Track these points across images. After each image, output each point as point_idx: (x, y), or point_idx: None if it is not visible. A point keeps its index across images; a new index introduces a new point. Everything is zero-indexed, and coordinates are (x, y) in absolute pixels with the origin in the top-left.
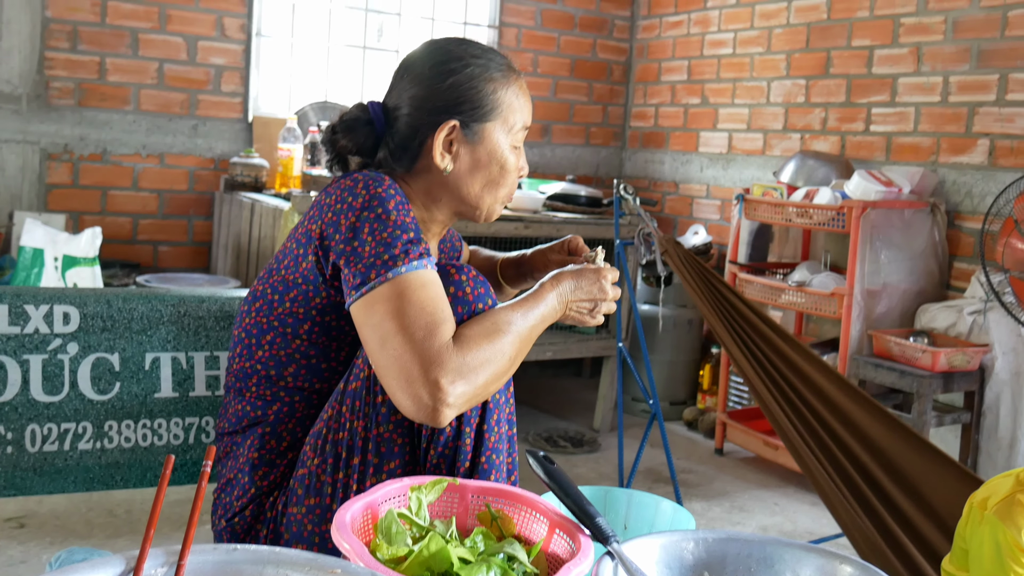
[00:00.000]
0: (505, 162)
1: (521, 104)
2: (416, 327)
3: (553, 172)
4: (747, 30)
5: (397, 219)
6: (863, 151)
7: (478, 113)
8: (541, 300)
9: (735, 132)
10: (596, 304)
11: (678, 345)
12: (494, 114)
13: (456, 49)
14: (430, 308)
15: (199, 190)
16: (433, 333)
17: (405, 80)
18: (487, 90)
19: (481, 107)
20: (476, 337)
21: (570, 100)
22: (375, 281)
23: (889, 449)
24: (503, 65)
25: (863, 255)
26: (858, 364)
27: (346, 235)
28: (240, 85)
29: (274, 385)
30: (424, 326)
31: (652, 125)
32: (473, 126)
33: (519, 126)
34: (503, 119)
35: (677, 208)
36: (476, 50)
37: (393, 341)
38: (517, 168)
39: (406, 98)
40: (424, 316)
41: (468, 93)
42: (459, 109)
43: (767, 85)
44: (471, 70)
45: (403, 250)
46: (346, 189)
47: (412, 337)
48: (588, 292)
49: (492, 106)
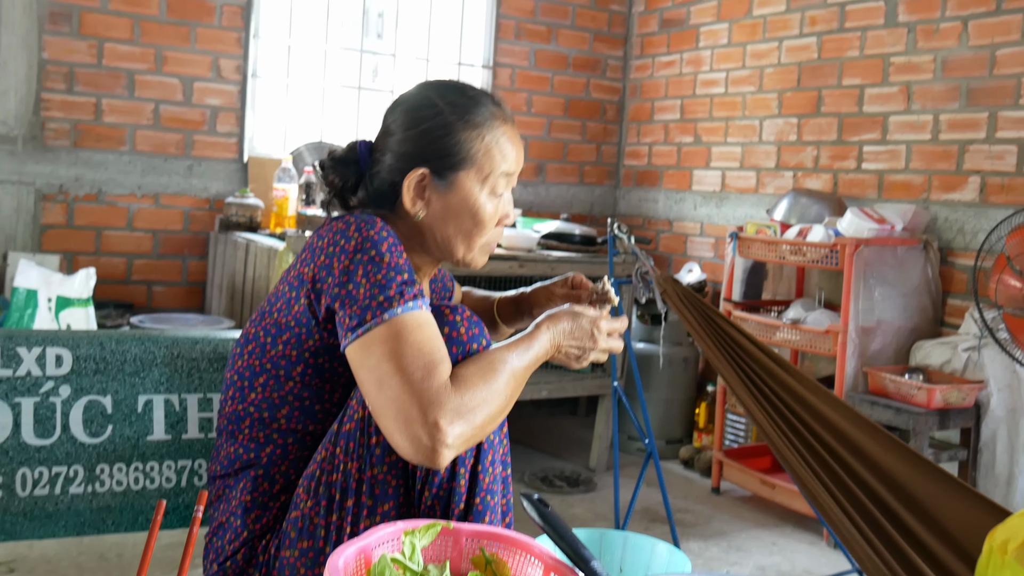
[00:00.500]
0: (478, 212)
1: (503, 151)
2: (414, 368)
3: (547, 211)
4: (739, 69)
5: (391, 261)
6: (855, 189)
7: (449, 162)
8: (536, 340)
9: (728, 170)
10: (584, 352)
11: (673, 383)
12: (467, 163)
13: (435, 95)
14: (427, 349)
15: (194, 230)
16: (431, 374)
17: (389, 123)
18: (460, 139)
19: (451, 156)
20: (473, 377)
21: (564, 139)
22: (371, 323)
23: (902, 478)
24: (486, 111)
25: (857, 292)
26: (854, 401)
27: (340, 278)
28: (235, 126)
29: (267, 427)
30: (422, 367)
31: (646, 164)
32: (446, 174)
33: (498, 172)
34: (477, 167)
35: (671, 246)
36: (457, 96)
37: (391, 382)
38: (495, 216)
39: (387, 141)
40: (421, 357)
41: (439, 142)
42: (429, 157)
43: (759, 124)
44: (443, 118)
45: (398, 291)
46: (338, 232)
47: (410, 378)
48: (580, 340)
49: (464, 155)
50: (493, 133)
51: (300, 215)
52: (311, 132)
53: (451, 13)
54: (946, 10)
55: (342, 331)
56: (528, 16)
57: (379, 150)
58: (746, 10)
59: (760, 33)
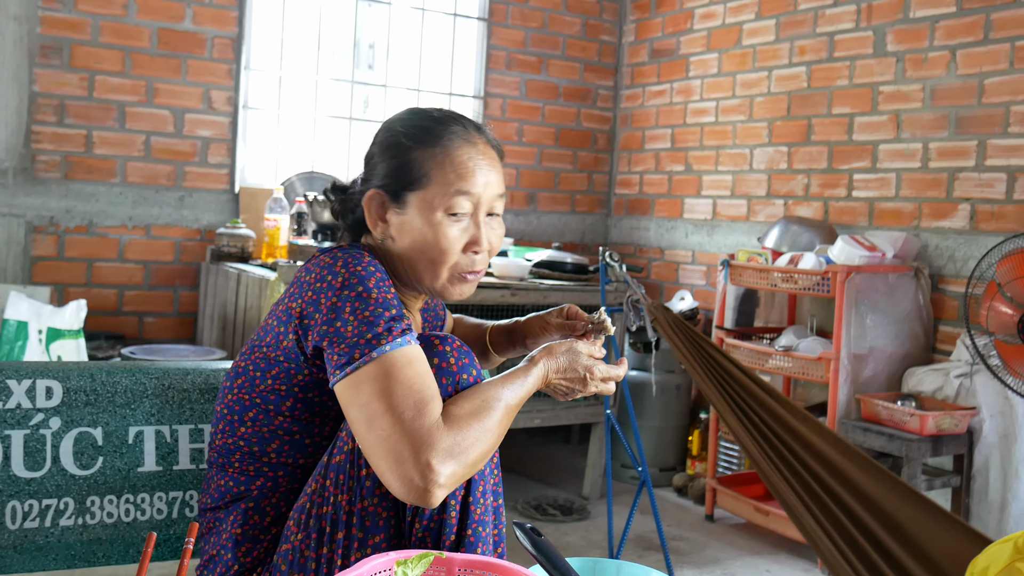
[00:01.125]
0: (436, 234)
1: (459, 170)
2: (404, 407)
3: (539, 239)
4: (729, 99)
5: (378, 296)
6: (846, 216)
7: (401, 181)
8: (530, 374)
9: (719, 198)
10: (571, 392)
11: (666, 411)
12: (419, 183)
13: (399, 119)
14: (417, 386)
15: (185, 261)
16: (422, 412)
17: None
18: (412, 158)
19: (403, 175)
20: (466, 416)
21: (555, 168)
22: (360, 361)
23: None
24: (445, 131)
25: (849, 319)
26: (846, 428)
27: (327, 315)
28: (227, 156)
29: (257, 461)
30: (413, 405)
31: (637, 192)
32: (400, 195)
33: (452, 191)
34: (434, 187)
35: (663, 274)
36: (419, 119)
37: (381, 422)
38: (459, 240)
39: (363, 175)
40: (412, 395)
41: (393, 162)
42: (385, 179)
43: (750, 152)
44: (396, 138)
45: (386, 328)
46: (325, 267)
47: (401, 417)
48: (571, 381)
49: (416, 175)
50: (451, 153)
51: (292, 245)
52: (302, 162)
53: (442, 44)
54: (934, 39)
55: (330, 368)
56: (519, 47)
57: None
58: (735, 40)
59: (750, 63)
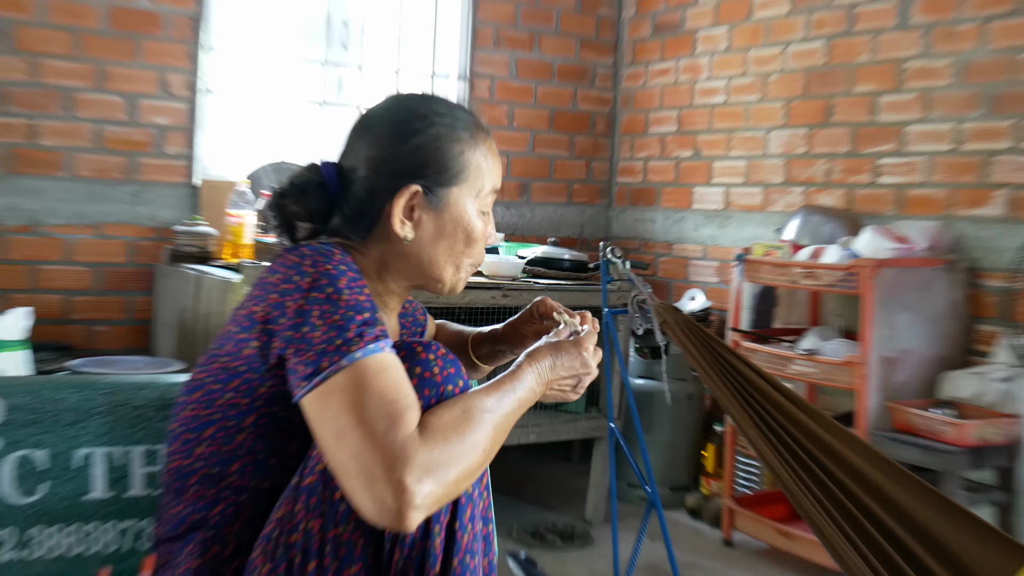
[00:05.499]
0: (472, 230)
1: (490, 166)
2: (376, 419)
3: (533, 234)
4: (740, 77)
5: (349, 299)
6: (872, 205)
7: (443, 177)
8: (518, 382)
9: (732, 187)
10: (579, 380)
11: (677, 424)
12: (460, 178)
13: (419, 106)
14: (391, 396)
15: (139, 262)
16: (395, 424)
17: (363, 139)
18: (453, 151)
19: (446, 170)
20: (445, 428)
21: (550, 155)
22: (328, 370)
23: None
24: (470, 124)
25: (877, 318)
26: (878, 440)
27: (293, 320)
28: (186, 146)
29: (217, 484)
30: (385, 417)
31: (641, 180)
32: (437, 191)
33: (487, 190)
34: (470, 183)
35: (671, 271)
36: (441, 107)
37: (351, 436)
38: (484, 236)
39: (363, 159)
40: (385, 406)
41: (432, 155)
42: (422, 173)
43: (765, 135)
44: (435, 130)
45: (357, 333)
46: (291, 267)
47: (372, 430)
48: (569, 368)
49: (458, 169)
50: (480, 147)
51: (258, 243)
52: (271, 152)
53: (423, 20)
54: (964, 10)
55: (296, 379)
56: (508, 22)
57: (354, 170)
58: (746, 13)
59: (763, 37)
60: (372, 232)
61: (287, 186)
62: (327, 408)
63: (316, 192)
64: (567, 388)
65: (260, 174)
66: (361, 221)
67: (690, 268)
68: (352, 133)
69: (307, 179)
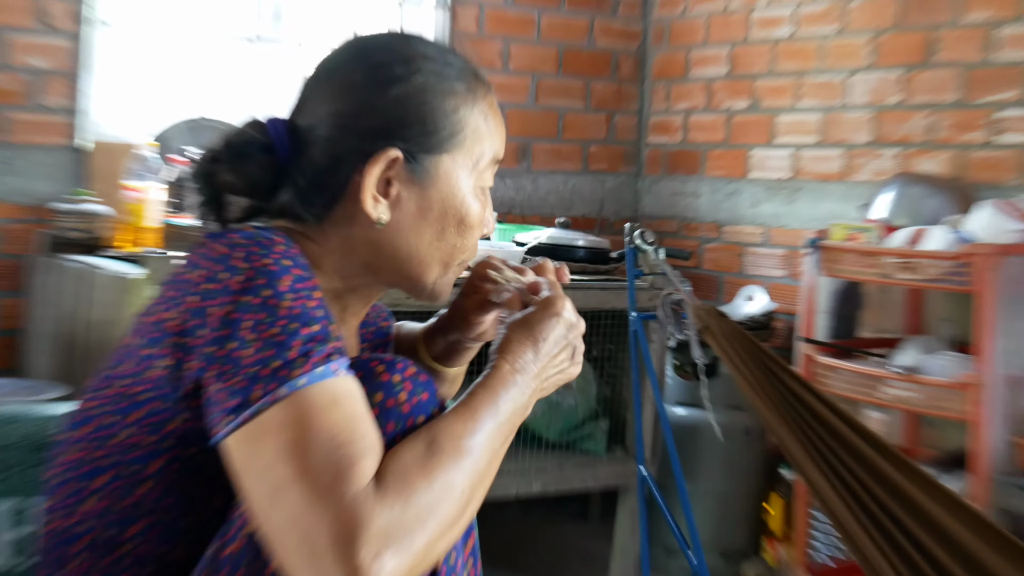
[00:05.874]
0: (466, 213)
1: (491, 128)
2: (322, 470)
3: (535, 213)
4: (812, 3)
5: (294, 304)
6: (989, 172)
7: (431, 141)
8: (499, 391)
9: (802, 148)
10: (573, 347)
11: (731, 468)
12: (453, 142)
13: (401, 47)
14: (344, 437)
15: (8, 252)
16: (345, 476)
17: (326, 88)
18: (445, 108)
19: (435, 132)
20: (407, 473)
21: (558, 108)
22: (261, 401)
23: None
24: (467, 73)
25: (1000, 325)
26: (1001, 488)
27: (217, 331)
28: (69, 97)
29: (112, 552)
30: (333, 467)
31: (680, 141)
32: (423, 159)
33: (487, 159)
34: (466, 150)
35: (721, 262)
36: (429, 49)
37: (289, 494)
38: (482, 221)
39: (324, 115)
40: (335, 452)
41: (418, 110)
42: (404, 133)
43: (846, 80)
44: (422, 78)
45: (302, 352)
46: (218, 260)
47: (316, 485)
48: (555, 341)
49: (451, 131)
50: (479, 104)
51: (168, 228)
52: (185, 105)
53: None
54: None
55: (218, 412)
56: None
57: (311, 129)
58: None
59: None
60: (332, 212)
61: (220, 148)
62: (258, 453)
63: (259, 157)
64: (564, 366)
65: (171, 134)
66: (319, 196)
67: (746, 258)
68: (309, 82)
69: (247, 140)
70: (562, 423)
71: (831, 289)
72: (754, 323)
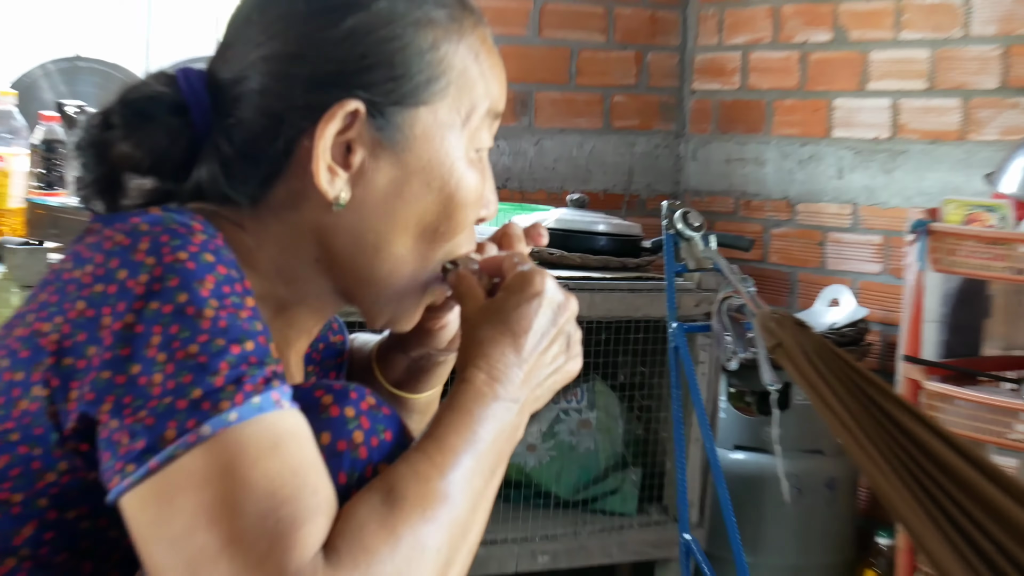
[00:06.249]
0: (458, 185)
1: (484, 70)
2: (257, 536)
3: (540, 187)
4: None
5: (220, 314)
6: None
7: (403, 88)
8: (475, 410)
9: (904, 96)
10: (567, 335)
11: (808, 533)
12: (433, 90)
13: None
14: (287, 492)
15: None
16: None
17: (254, 25)
18: (420, 43)
19: (409, 75)
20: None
21: (570, 42)
22: (176, 444)
23: None
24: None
25: None
26: None
27: (113, 349)
28: None
29: None
30: (271, 532)
31: (737, 87)
32: (393, 113)
33: (481, 111)
34: (451, 101)
35: (794, 253)
36: None
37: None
38: (481, 199)
39: (256, 60)
40: (274, 512)
41: (384, 47)
42: (365, 79)
43: (965, 3)
44: (387, 3)
45: (232, 377)
46: (114, 253)
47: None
48: (542, 332)
49: (431, 74)
50: (467, 38)
51: (34, 207)
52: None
53: None
54: None
55: (115, 460)
56: None
57: (239, 80)
58: None
59: None
60: (271, 191)
61: (114, 109)
62: (171, 515)
63: (168, 120)
64: (559, 362)
65: (36, 80)
66: (252, 170)
67: (829, 247)
68: (236, 16)
69: (152, 96)
70: (577, 475)
71: (945, 290)
72: (839, 336)
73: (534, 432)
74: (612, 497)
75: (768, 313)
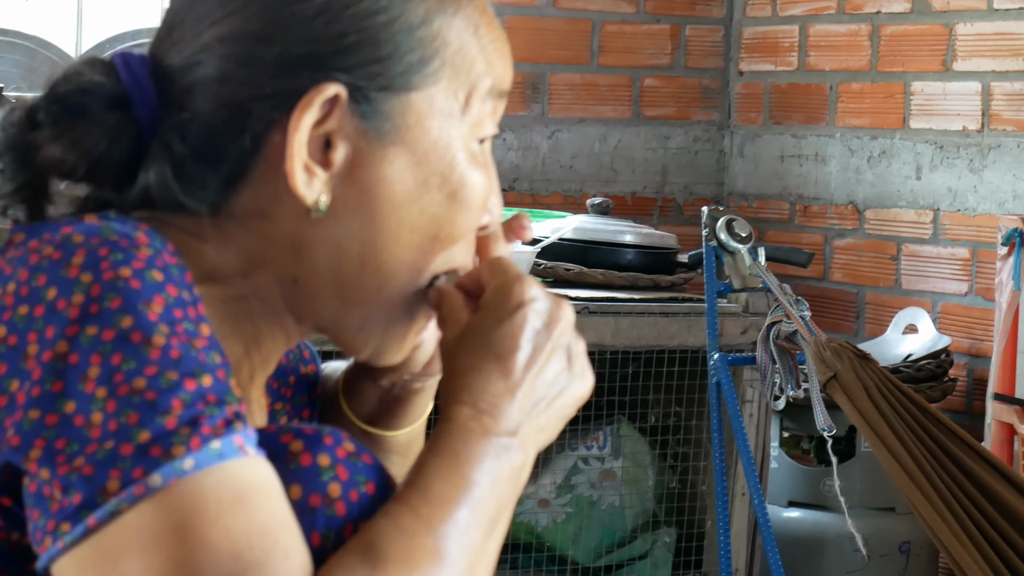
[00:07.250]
0: (461, 183)
1: (484, 46)
2: None
3: (554, 190)
4: None
5: (168, 341)
6: None
7: (391, 69)
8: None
9: (997, 78)
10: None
11: None
12: (427, 71)
13: None
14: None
15: None
16: None
17: (208, 2)
18: (410, 16)
19: (397, 55)
20: None
21: (591, 14)
22: (119, 498)
23: None
24: None
25: None
26: None
27: (43, 384)
28: None
29: None
30: None
31: (794, 69)
32: (380, 100)
33: (482, 91)
34: (447, 83)
35: (863, 270)
36: None
37: None
38: (486, 200)
39: (212, 41)
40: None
41: (367, 22)
42: (345, 60)
43: None
44: None
45: (187, 418)
46: (41, 269)
47: None
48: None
49: (423, 52)
50: (464, 9)
51: None
52: None
53: None
54: None
55: (47, 518)
56: None
57: (190, 66)
58: None
59: None
60: (235, 196)
61: (41, 103)
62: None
63: (106, 115)
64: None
65: None
66: (210, 173)
67: (904, 262)
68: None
69: (85, 87)
70: (599, 536)
71: None
72: (916, 370)
73: (547, 485)
74: (641, 563)
75: (823, 342)
